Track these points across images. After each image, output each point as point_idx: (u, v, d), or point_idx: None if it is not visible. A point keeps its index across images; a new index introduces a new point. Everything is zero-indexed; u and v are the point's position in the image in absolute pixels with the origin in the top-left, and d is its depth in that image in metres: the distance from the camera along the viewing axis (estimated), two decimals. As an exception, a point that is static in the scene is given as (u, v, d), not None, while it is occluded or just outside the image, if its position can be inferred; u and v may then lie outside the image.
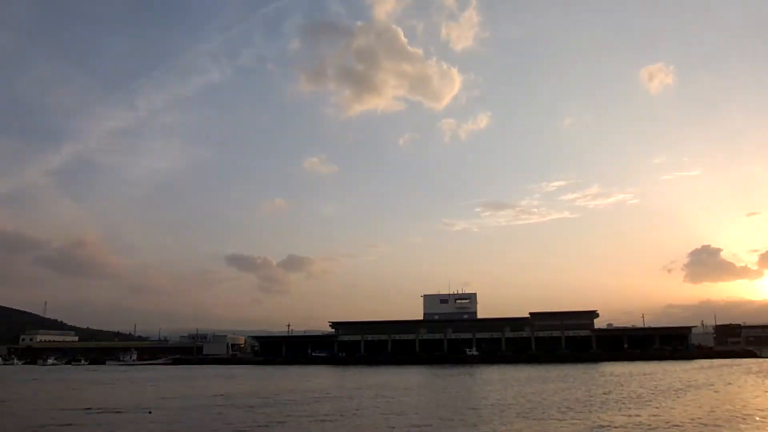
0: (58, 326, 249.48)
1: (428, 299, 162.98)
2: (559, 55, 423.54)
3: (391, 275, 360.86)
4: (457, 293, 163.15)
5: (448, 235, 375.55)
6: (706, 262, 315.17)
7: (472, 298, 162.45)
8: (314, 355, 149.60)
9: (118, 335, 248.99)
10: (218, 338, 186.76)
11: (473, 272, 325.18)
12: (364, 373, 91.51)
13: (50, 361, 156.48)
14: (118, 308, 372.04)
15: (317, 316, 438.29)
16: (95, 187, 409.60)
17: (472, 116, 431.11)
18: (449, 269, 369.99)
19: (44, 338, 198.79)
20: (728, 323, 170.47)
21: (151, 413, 36.89)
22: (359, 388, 59.83)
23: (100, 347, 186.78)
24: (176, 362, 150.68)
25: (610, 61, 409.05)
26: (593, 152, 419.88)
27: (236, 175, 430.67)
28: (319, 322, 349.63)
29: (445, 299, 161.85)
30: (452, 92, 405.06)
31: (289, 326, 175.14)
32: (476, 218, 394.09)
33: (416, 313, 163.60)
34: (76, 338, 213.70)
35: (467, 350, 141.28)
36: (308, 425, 31.05)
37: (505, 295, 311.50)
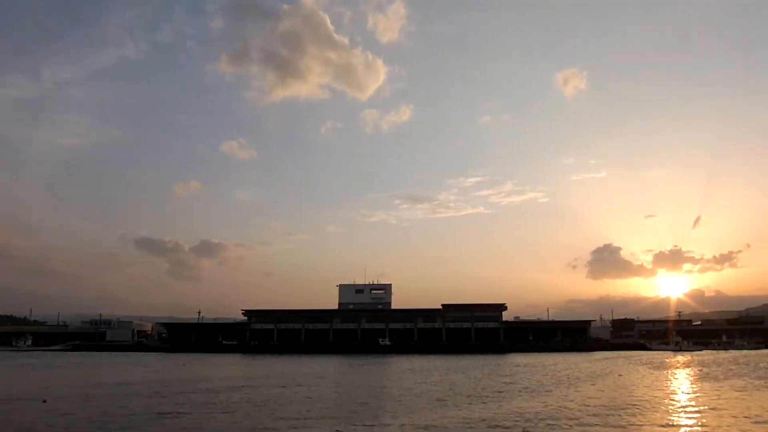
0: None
1: (344, 289, 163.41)
2: (481, 53, 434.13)
3: (307, 264, 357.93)
4: (372, 284, 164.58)
5: (366, 225, 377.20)
6: (606, 260, 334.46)
7: (387, 289, 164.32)
8: (225, 343, 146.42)
9: (11, 319, 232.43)
10: (123, 324, 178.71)
11: (389, 263, 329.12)
12: (276, 362, 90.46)
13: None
14: (12, 291, 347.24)
15: (230, 303, 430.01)
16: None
17: (395, 108, 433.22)
18: (366, 260, 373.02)
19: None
20: (624, 318, 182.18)
21: (45, 402, 34.74)
22: (271, 377, 59.07)
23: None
24: (76, 348, 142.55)
25: (529, 63, 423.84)
26: (509, 150, 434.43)
27: (149, 155, 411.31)
28: (231, 309, 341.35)
29: (360, 289, 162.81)
30: (377, 83, 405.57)
31: (199, 313, 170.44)
32: (395, 210, 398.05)
33: (331, 302, 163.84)
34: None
35: (380, 340, 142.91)
36: (217, 414, 30.19)
37: (419, 286, 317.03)
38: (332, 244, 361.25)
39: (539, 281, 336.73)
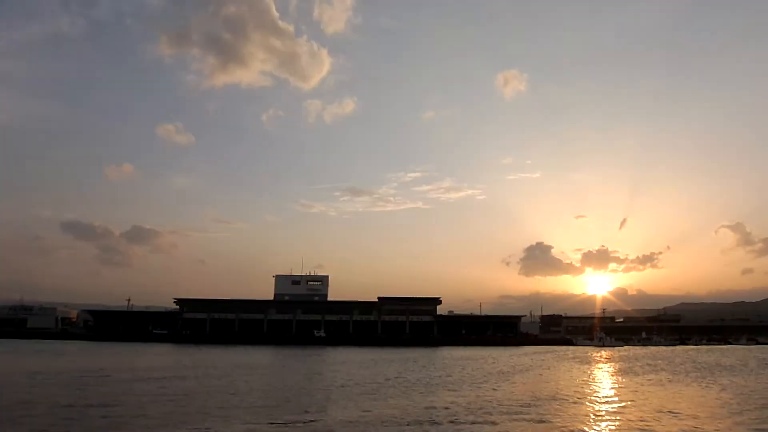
0: None
1: (280, 280, 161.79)
2: (426, 50, 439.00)
3: (243, 253, 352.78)
4: (309, 275, 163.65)
5: (305, 216, 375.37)
6: (538, 257, 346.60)
7: (324, 280, 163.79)
8: (155, 332, 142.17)
9: None
10: (46, 311, 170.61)
11: (327, 255, 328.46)
12: (209, 352, 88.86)
13: None
14: None
15: (161, 292, 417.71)
16: None
17: (338, 100, 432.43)
18: (304, 251, 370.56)
19: None
20: (552, 314, 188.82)
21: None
22: (203, 367, 58.10)
23: None
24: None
25: (472, 61, 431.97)
26: (449, 147, 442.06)
27: (80, 134, 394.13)
28: (162, 298, 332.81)
29: (297, 280, 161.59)
30: (321, 74, 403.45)
31: (129, 301, 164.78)
32: (334, 202, 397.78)
33: (267, 293, 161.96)
34: None
35: (315, 332, 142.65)
36: (147, 405, 29.54)
37: (356, 279, 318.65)
38: (270, 234, 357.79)
39: (474, 276, 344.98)
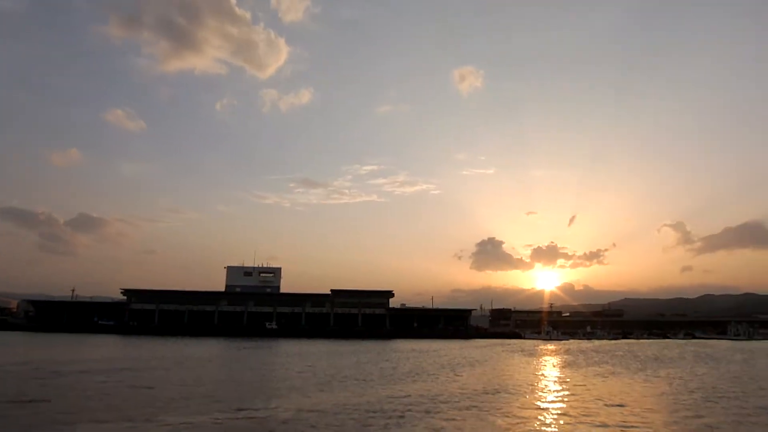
0: None
1: (231, 271, 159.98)
2: (384, 43, 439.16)
3: (194, 244, 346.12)
4: (262, 267, 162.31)
5: (258, 207, 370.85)
6: (490, 252, 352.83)
7: (276, 272, 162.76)
8: (101, 323, 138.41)
9: None
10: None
11: (281, 247, 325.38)
12: (157, 344, 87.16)
13: None
14: None
15: (107, 282, 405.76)
16: None
17: (294, 90, 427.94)
18: (257, 242, 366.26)
19: None
20: (502, 308, 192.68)
21: None
22: (152, 359, 57.07)
23: None
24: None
25: (429, 57, 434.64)
26: (405, 141, 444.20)
27: (23, 118, 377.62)
28: (109, 288, 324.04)
29: (249, 272, 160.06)
30: (278, 63, 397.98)
31: (73, 291, 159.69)
32: (289, 193, 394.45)
33: (218, 284, 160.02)
34: None
35: (267, 324, 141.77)
36: (92, 399, 28.94)
37: (309, 271, 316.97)
38: (222, 224, 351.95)
39: (426, 270, 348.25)
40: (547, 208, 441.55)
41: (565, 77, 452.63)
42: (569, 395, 33.40)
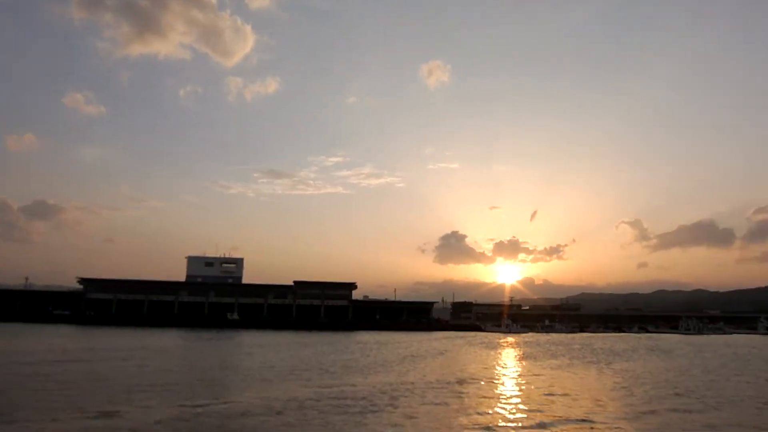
0: None
1: (193, 261, 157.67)
2: (353, 34, 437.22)
3: (155, 233, 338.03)
4: (223, 257, 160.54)
5: (222, 197, 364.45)
6: (453, 246, 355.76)
7: (238, 263, 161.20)
8: (56, 313, 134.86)
9: None
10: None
11: (244, 237, 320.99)
12: (115, 334, 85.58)
13: None
14: None
15: (64, 271, 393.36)
16: None
17: (261, 79, 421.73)
18: (219, 232, 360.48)
19: None
20: (463, 301, 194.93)
21: None
22: (109, 349, 56.16)
23: None
24: None
25: (398, 49, 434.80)
26: (371, 134, 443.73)
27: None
28: (65, 277, 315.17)
29: (210, 262, 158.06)
30: (244, 50, 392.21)
31: (27, 279, 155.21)
32: (253, 184, 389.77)
33: (179, 275, 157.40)
34: None
35: (229, 315, 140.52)
36: (48, 390, 28.40)
37: (272, 262, 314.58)
38: (184, 213, 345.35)
39: (390, 262, 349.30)
40: (510, 203, 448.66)
41: (530, 74, 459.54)
42: (525, 386, 34.31)
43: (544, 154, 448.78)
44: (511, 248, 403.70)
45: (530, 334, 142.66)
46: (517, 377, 40.02)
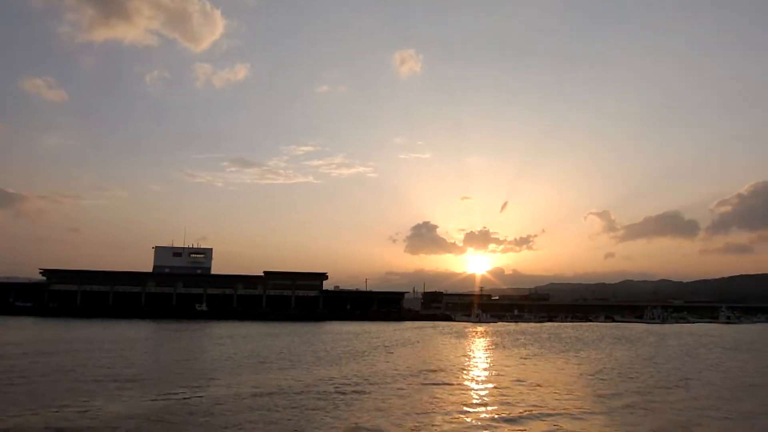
0: None
1: (160, 251, 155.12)
2: (325, 21, 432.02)
3: (121, 223, 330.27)
4: (192, 247, 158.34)
5: (189, 186, 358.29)
6: (424, 236, 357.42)
7: (207, 253, 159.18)
8: (18, 305, 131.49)
9: None
10: None
11: (212, 227, 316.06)
12: (80, 326, 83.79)
13: None
14: None
15: (26, 261, 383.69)
16: None
17: (230, 65, 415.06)
18: (187, 222, 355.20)
19: None
20: (434, 291, 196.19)
21: None
22: (75, 341, 54.93)
23: None
24: None
25: (370, 38, 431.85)
26: (343, 123, 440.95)
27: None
28: (27, 268, 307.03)
29: (178, 252, 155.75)
30: (213, 36, 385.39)
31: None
32: (221, 172, 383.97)
33: (146, 265, 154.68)
34: None
35: (197, 306, 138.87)
36: (12, 382, 27.61)
37: (242, 252, 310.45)
38: (151, 202, 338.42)
39: (361, 253, 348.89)
40: (481, 193, 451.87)
41: (503, 66, 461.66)
42: (495, 375, 34.64)
43: (515, 145, 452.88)
44: (481, 238, 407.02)
45: (500, 323, 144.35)
46: (487, 366, 40.40)
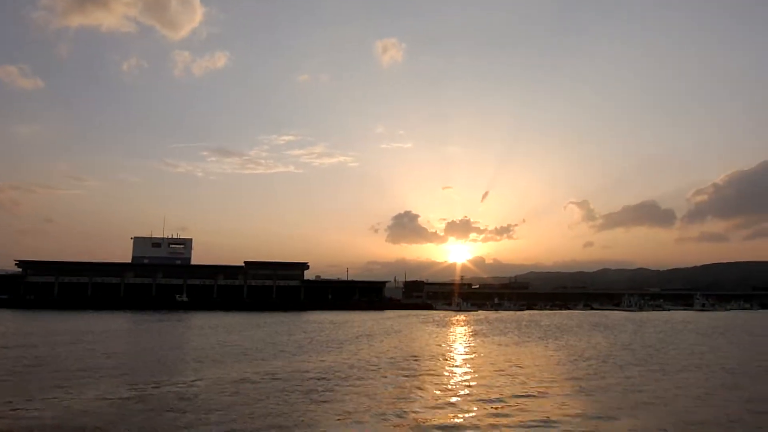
0: None
1: (139, 242, 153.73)
2: (306, 8, 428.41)
3: (98, 213, 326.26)
4: (171, 237, 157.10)
5: (169, 176, 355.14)
6: (406, 225, 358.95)
7: (187, 243, 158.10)
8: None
9: None
10: None
11: (192, 217, 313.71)
12: (58, 318, 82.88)
13: None
14: None
15: (1, 253, 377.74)
16: None
17: (209, 53, 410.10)
18: (167, 212, 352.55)
19: None
20: (415, 280, 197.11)
21: None
22: (53, 333, 54.39)
23: None
24: None
25: (352, 26, 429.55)
26: (324, 112, 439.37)
27: None
28: (2, 259, 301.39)
29: (157, 243, 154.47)
30: (192, 24, 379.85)
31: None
32: (201, 162, 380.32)
33: (125, 256, 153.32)
34: None
35: (177, 296, 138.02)
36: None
37: (223, 242, 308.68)
38: (129, 192, 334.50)
39: (343, 242, 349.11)
40: (462, 183, 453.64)
41: (484, 55, 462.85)
42: (476, 362, 35.10)
43: (496, 135, 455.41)
44: (462, 228, 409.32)
45: (480, 311, 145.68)
46: (468, 354, 40.86)
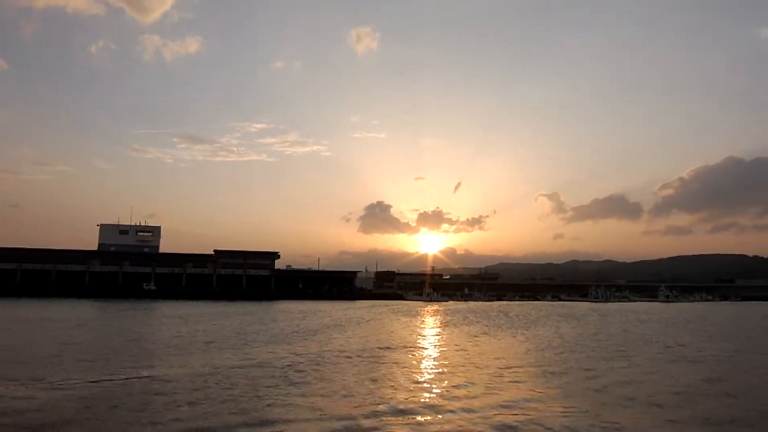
0: None
1: (105, 229, 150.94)
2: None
3: (65, 199, 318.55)
4: (139, 225, 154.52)
5: (137, 162, 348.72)
6: (378, 215, 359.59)
7: (155, 231, 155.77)
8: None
9: None
10: None
11: (161, 205, 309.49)
12: (20, 306, 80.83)
13: None
14: None
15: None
16: None
17: (181, 38, 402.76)
18: (135, 199, 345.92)
19: None
20: (386, 270, 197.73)
21: None
22: (13, 321, 52.99)
23: None
24: None
25: (327, 13, 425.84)
26: (297, 100, 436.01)
27: None
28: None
29: (125, 230, 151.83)
30: (163, 7, 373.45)
31: None
32: (171, 149, 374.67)
33: (91, 243, 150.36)
34: None
35: (145, 285, 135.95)
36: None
37: (192, 230, 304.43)
38: (97, 179, 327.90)
39: (314, 232, 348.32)
40: (434, 174, 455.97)
41: (459, 46, 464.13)
42: (446, 351, 35.28)
43: (469, 126, 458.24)
44: (434, 219, 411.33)
45: (450, 302, 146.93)
46: (438, 343, 41.06)
